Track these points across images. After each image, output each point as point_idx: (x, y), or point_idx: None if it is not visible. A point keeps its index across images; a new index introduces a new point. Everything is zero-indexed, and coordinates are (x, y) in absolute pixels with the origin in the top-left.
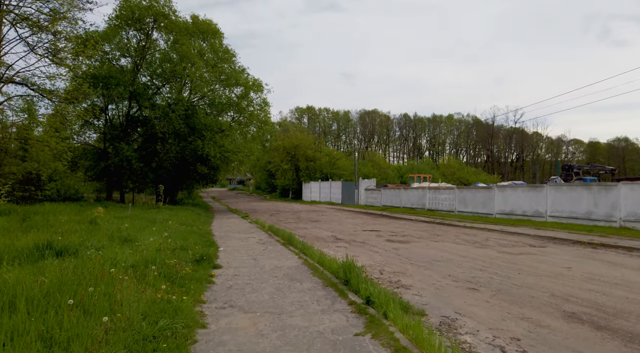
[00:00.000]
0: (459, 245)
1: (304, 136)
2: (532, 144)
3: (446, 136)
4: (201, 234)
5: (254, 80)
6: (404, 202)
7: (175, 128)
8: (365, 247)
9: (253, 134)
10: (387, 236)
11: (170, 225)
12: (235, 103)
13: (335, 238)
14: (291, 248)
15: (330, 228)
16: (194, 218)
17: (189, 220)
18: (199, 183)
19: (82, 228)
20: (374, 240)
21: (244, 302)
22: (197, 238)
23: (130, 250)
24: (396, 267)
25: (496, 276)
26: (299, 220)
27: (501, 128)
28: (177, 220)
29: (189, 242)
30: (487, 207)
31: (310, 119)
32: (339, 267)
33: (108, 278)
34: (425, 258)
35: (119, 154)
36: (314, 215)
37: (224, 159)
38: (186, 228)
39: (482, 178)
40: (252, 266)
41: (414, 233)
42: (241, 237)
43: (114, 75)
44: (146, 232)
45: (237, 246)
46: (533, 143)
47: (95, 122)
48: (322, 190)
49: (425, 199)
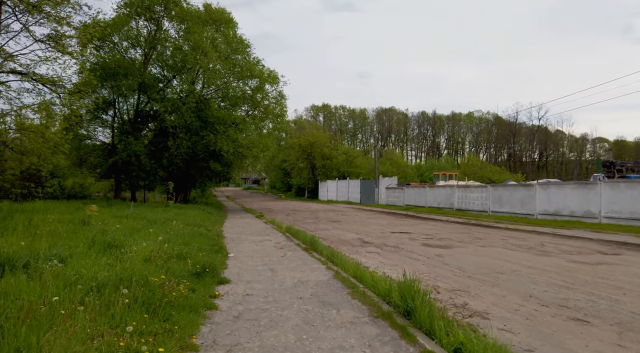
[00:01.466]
0: (514, 252)
1: (320, 134)
2: (555, 142)
3: (465, 134)
4: (209, 237)
5: (270, 72)
6: (430, 201)
7: (187, 122)
8: (401, 253)
9: (269, 129)
10: (422, 239)
11: (173, 227)
12: (249, 96)
13: (362, 242)
14: (315, 255)
15: (354, 230)
16: (203, 218)
17: (198, 220)
18: (211, 180)
19: (68, 229)
20: (409, 244)
21: (258, 348)
22: (202, 242)
23: (110, 260)
24: (452, 282)
25: (596, 297)
26: (317, 220)
27: (522, 126)
28: (183, 220)
29: (192, 247)
30: (527, 206)
31: (326, 117)
32: (389, 288)
33: (43, 314)
34: (482, 268)
35: (126, 149)
36: (334, 215)
37: (238, 155)
38: (192, 230)
39: (505, 177)
40: (269, 280)
41: (451, 236)
42: (255, 239)
43: (123, 65)
44: (141, 234)
45: (250, 251)
46: (556, 141)
47: (103, 116)
48: (339, 189)
49: (453, 198)
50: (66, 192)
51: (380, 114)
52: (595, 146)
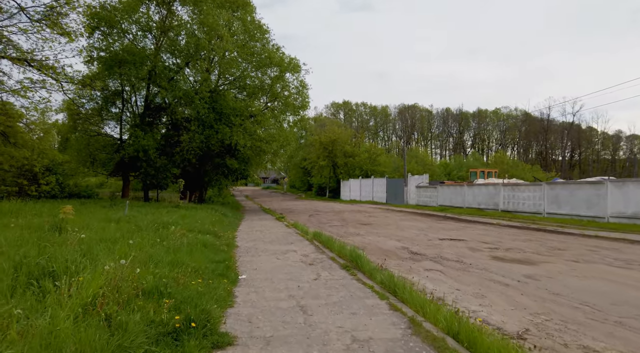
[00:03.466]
0: (629, 271)
1: (341, 130)
2: (588, 139)
3: (492, 131)
4: (216, 248)
5: (290, 59)
6: (469, 201)
7: (200, 113)
8: (474, 273)
9: (289, 124)
10: (485, 250)
11: (170, 234)
12: (268, 86)
13: (411, 253)
14: (362, 278)
15: (392, 235)
16: (215, 221)
17: (207, 224)
18: (227, 178)
19: (20, 241)
20: (473, 258)
21: None
22: (203, 259)
23: (24, 306)
24: (606, 338)
25: None
26: (345, 223)
27: (552, 122)
28: (188, 224)
29: (184, 269)
30: (595, 208)
31: (346, 115)
32: None
33: None
34: (617, 303)
35: (134, 144)
36: (361, 217)
37: (256, 150)
38: (194, 239)
39: (539, 176)
40: (303, 337)
41: (519, 245)
42: (276, 250)
43: (132, 52)
44: (115, 248)
45: (269, 270)
46: (588, 138)
47: (112, 109)
48: (362, 188)
49: (498, 198)
50: (67, 191)
51: (402, 110)
52: (631, 143)
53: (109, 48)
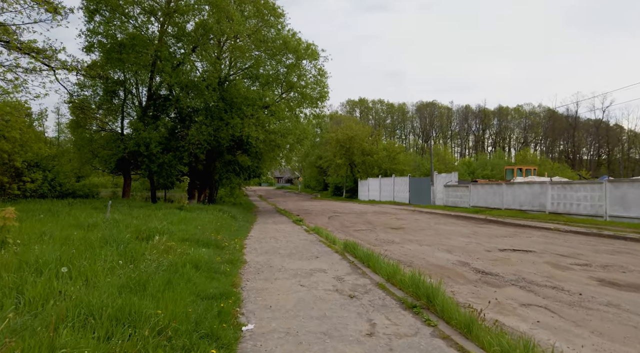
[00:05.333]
0: None
1: (359, 127)
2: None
3: (514, 129)
4: (214, 269)
5: (308, 45)
6: (508, 201)
7: (207, 102)
8: (600, 314)
9: (306, 117)
10: (574, 267)
11: (148, 249)
12: (283, 76)
13: (476, 272)
14: (455, 337)
15: (436, 244)
16: (220, 226)
17: (208, 231)
18: (238, 176)
19: None
20: (569, 281)
21: None
22: (185, 296)
23: None
24: None
25: None
26: (372, 227)
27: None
28: (183, 232)
29: (138, 330)
30: None
31: (362, 112)
32: None
33: None
34: None
35: (135, 138)
36: (388, 219)
37: (269, 144)
38: (183, 255)
39: (568, 174)
40: None
41: (612, 260)
42: (298, 269)
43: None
44: (29, 287)
45: (290, 310)
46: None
47: (114, 100)
48: (382, 187)
49: (544, 198)
50: (59, 190)
51: (421, 108)
52: None
53: (108, 31)
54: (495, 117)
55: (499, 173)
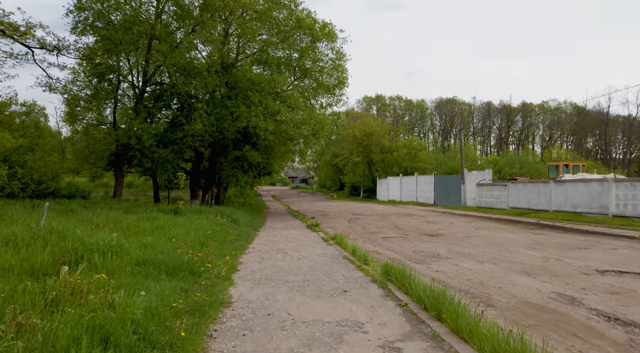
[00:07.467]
0: None
1: (377, 124)
2: None
3: (539, 125)
4: (155, 341)
5: (324, 24)
6: (558, 202)
7: (208, 87)
8: None
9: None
10: None
11: (27, 303)
12: (296, 61)
13: (613, 322)
14: None
15: (501, 261)
16: (208, 236)
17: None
18: (247, 174)
19: None
20: None
21: None
22: None
23: None
24: None
25: None
26: (402, 233)
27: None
28: (142, 250)
29: None
30: None
31: (379, 109)
32: None
33: None
34: None
35: (128, 130)
36: (418, 223)
37: (280, 136)
38: (77, 321)
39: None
40: None
41: None
42: (314, 321)
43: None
44: None
45: None
46: None
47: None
48: (404, 186)
49: (607, 198)
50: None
51: (441, 104)
52: None
53: (102, 18)
54: (519, 113)
55: (528, 171)
